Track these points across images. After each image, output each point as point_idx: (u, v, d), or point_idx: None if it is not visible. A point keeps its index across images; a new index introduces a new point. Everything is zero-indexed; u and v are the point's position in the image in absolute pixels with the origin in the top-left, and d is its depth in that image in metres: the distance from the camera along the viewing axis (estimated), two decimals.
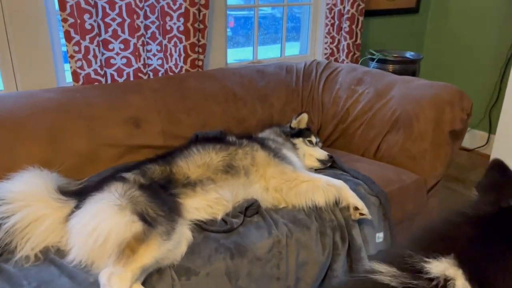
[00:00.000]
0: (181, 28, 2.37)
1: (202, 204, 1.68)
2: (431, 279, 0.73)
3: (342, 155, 2.29)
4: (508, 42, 3.44)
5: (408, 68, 3.09)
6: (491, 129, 3.71)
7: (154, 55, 2.40)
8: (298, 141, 2.15)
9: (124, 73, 2.30)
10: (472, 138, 3.79)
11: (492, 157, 3.49)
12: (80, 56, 2.11)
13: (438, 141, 2.13)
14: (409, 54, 3.36)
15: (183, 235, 1.52)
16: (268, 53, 3.34)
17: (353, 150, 2.41)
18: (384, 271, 0.74)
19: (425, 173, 2.16)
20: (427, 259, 0.74)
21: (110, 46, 2.22)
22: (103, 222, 1.38)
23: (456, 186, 3.16)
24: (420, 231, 0.85)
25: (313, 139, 2.26)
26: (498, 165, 0.89)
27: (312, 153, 2.16)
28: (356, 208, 1.78)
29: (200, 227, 1.63)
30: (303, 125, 2.26)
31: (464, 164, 3.55)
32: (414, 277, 0.72)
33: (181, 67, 2.45)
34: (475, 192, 0.88)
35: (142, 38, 2.26)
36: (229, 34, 3.30)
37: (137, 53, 2.27)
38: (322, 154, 2.16)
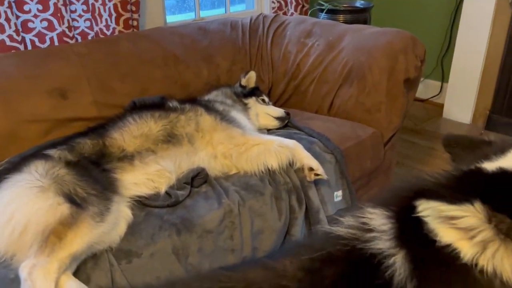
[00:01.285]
0: None
1: (142, 178, 1.51)
2: (370, 231, 0.69)
3: (295, 114, 2.16)
4: None
5: (359, 17, 2.96)
6: (443, 78, 3.69)
7: (80, 16, 2.14)
8: (251, 101, 2.00)
9: (47, 38, 2.04)
10: (426, 88, 3.77)
11: (445, 106, 3.50)
12: None
13: (393, 92, 2.03)
14: (359, 3, 3.23)
15: (121, 215, 1.36)
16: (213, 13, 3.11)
17: (306, 108, 2.29)
18: (343, 221, 0.74)
19: (381, 126, 2.07)
20: (371, 210, 0.72)
21: (26, 8, 1.94)
22: (21, 208, 1.19)
23: (412, 138, 3.14)
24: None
25: (266, 98, 2.11)
26: (447, 144, 0.85)
27: (268, 111, 2.02)
28: (311, 169, 1.67)
29: (142, 203, 1.47)
30: (252, 84, 2.10)
31: (419, 115, 3.53)
32: (358, 228, 0.71)
33: (114, 28, 2.21)
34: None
35: None
36: (172, 1, 3.05)
37: (59, 14, 2.01)
38: (279, 111, 2.03)
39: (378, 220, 0.69)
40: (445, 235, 0.60)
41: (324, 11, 3.00)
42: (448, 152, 0.83)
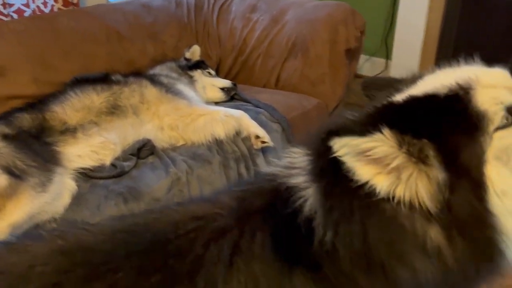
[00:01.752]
0: None
1: (86, 151, 1.50)
2: (292, 168, 0.74)
3: (244, 89, 2.19)
4: None
5: None
6: (388, 55, 3.82)
7: None
8: (197, 73, 2.00)
9: None
10: (372, 66, 3.89)
11: None
12: None
13: (335, 63, 2.10)
14: None
15: (65, 186, 1.35)
16: None
17: (255, 83, 2.32)
18: (275, 162, 0.77)
19: (325, 97, 2.14)
20: (294, 150, 0.76)
21: None
22: None
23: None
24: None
25: (212, 71, 2.12)
26: (366, 88, 0.87)
27: (214, 83, 2.03)
28: (257, 137, 1.71)
29: (86, 175, 1.46)
30: (197, 57, 2.11)
31: None
32: (285, 166, 0.75)
33: (52, 5, 2.14)
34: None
35: None
36: None
37: None
38: (225, 82, 2.05)
39: (300, 158, 0.73)
40: (363, 172, 0.62)
41: None
42: (367, 96, 0.86)
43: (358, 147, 0.60)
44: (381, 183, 0.62)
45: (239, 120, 1.72)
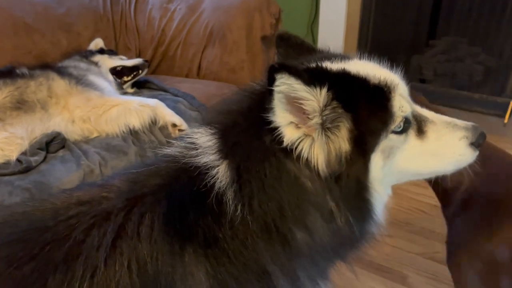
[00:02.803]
0: None
1: None
2: (195, 149, 0.74)
3: (165, 80, 2.17)
4: None
5: None
6: (314, 43, 3.93)
7: None
8: (100, 57, 1.95)
9: None
10: None
11: None
12: None
13: (252, 50, 2.13)
14: None
15: None
16: None
17: (177, 73, 2.31)
18: (175, 144, 0.77)
19: (246, 84, 2.16)
20: (196, 131, 0.77)
21: None
22: None
23: None
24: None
25: (122, 57, 2.09)
26: (283, 38, 0.88)
27: (124, 63, 1.99)
28: (174, 125, 1.71)
29: None
30: (101, 46, 2.07)
31: None
32: (186, 147, 0.75)
33: None
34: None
35: None
36: None
37: None
38: (135, 60, 2.02)
39: (203, 138, 0.74)
40: (281, 116, 0.64)
41: None
42: (279, 48, 0.87)
43: (296, 92, 0.63)
44: (290, 134, 0.65)
45: (155, 109, 1.71)
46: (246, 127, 0.70)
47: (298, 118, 0.65)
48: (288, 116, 0.65)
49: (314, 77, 0.64)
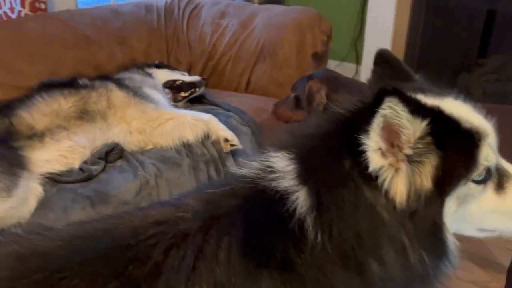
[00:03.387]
0: None
1: (54, 155, 1.49)
2: (273, 172, 0.72)
3: (214, 93, 2.22)
4: None
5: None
6: (358, 60, 3.91)
7: None
8: (155, 71, 2.01)
9: None
10: (343, 71, 3.95)
11: None
12: None
13: (302, 66, 2.15)
14: None
15: (31, 191, 1.33)
16: None
17: (225, 87, 2.35)
18: (250, 164, 0.75)
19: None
20: (273, 154, 0.75)
21: None
22: None
23: None
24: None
25: (183, 73, 2.14)
26: (383, 56, 0.85)
27: (175, 76, 2.04)
28: (226, 140, 1.73)
29: (54, 180, 1.45)
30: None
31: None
32: (262, 170, 0.73)
33: (19, 11, 2.11)
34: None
35: None
36: None
37: None
38: (191, 77, 2.06)
39: (281, 162, 0.73)
40: (373, 139, 0.63)
41: None
42: (376, 66, 0.84)
43: (399, 119, 0.62)
44: (377, 161, 0.64)
45: (208, 124, 1.74)
46: (325, 152, 0.70)
47: (388, 145, 0.65)
48: (380, 141, 0.64)
49: (419, 108, 0.63)
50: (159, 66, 2.08)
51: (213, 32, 2.36)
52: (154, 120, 1.68)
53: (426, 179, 0.65)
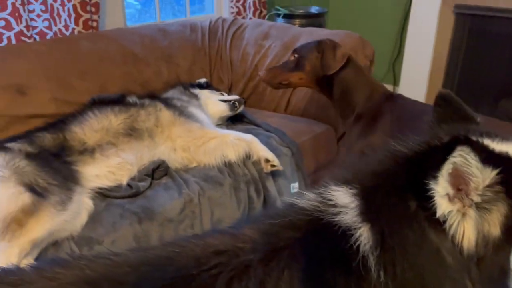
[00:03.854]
0: None
1: (103, 171, 1.55)
2: (333, 206, 0.72)
3: (254, 113, 2.25)
4: None
5: (314, 22, 3.09)
6: (395, 81, 3.89)
7: (39, 15, 2.14)
8: (201, 92, 2.06)
9: (4, 38, 2.03)
10: None
11: None
12: None
13: None
14: (314, 9, 3.37)
15: (82, 205, 1.39)
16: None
17: (265, 107, 2.38)
18: (308, 196, 0.75)
19: (334, 122, 2.19)
20: (333, 188, 0.74)
21: None
22: None
23: None
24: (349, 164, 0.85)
25: (222, 92, 2.19)
26: (444, 98, 0.85)
27: (218, 97, 2.09)
28: (267, 161, 1.75)
29: (103, 194, 1.51)
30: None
31: None
32: (322, 202, 0.73)
33: (73, 29, 2.22)
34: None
35: None
36: (138, 7, 3.09)
37: (16, 14, 2.00)
38: (231, 96, 2.11)
39: (343, 197, 0.73)
40: (441, 186, 0.63)
41: (281, 16, 3.12)
42: (437, 107, 0.84)
43: (469, 167, 0.62)
44: (445, 206, 0.64)
45: (249, 144, 1.76)
46: (390, 191, 0.70)
47: (456, 191, 0.65)
48: (448, 187, 0.64)
49: (490, 157, 0.63)
50: (202, 86, 2.13)
51: (256, 53, 2.41)
52: (198, 139, 1.73)
53: (494, 226, 0.65)
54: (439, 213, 0.65)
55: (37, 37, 2.15)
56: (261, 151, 1.77)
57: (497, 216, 0.65)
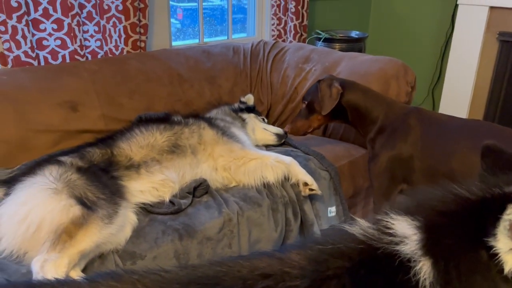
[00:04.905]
0: (120, 7, 2.24)
1: (147, 187, 1.59)
2: (392, 235, 0.71)
3: (292, 135, 2.26)
4: (448, 21, 3.56)
5: (354, 46, 3.12)
6: (434, 106, 3.84)
7: (92, 36, 2.26)
8: (249, 117, 2.11)
9: (59, 56, 2.15)
10: None
11: None
12: (7, 36, 1.94)
13: None
14: (354, 33, 3.39)
15: (127, 219, 1.43)
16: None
17: None
18: (360, 223, 0.74)
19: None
20: (394, 217, 0.73)
21: (42, 26, 2.06)
22: (36, 208, 1.27)
23: None
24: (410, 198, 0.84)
25: (264, 118, 2.23)
26: (491, 149, 0.85)
27: (266, 127, 2.13)
28: (306, 184, 1.76)
29: (146, 210, 1.55)
30: (251, 102, 2.23)
31: None
32: (379, 232, 0.72)
33: (122, 48, 2.33)
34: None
35: (77, 18, 2.12)
36: (178, 26, 3.21)
37: (72, 34, 2.13)
38: (276, 128, 2.14)
39: (404, 227, 0.71)
40: (503, 242, 0.63)
41: (321, 40, 3.16)
42: (485, 158, 0.84)
43: None
44: (511, 263, 0.64)
45: (289, 167, 1.78)
46: (461, 235, 0.68)
47: None
48: (510, 243, 0.64)
49: None
50: (250, 109, 2.17)
51: (296, 75, 2.44)
52: (239, 159, 1.76)
53: None
54: (506, 270, 0.64)
55: (89, 56, 2.27)
56: (300, 174, 1.78)
57: None
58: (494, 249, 0.64)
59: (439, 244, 0.69)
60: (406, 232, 0.70)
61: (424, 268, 0.67)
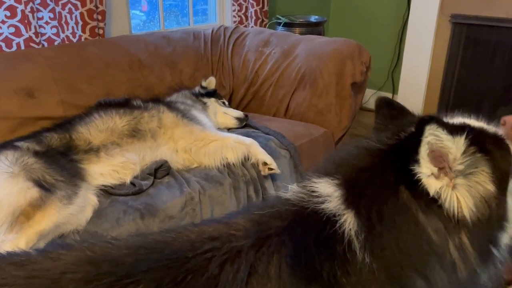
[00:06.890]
0: None
1: (107, 169, 1.61)
2: (317, 196, 0.77)
3: (254, 117, 2.31)
4: (404, 5, 3.67)
5: (314, 30, 3.18)
6: (394, 89, 3.95)
7: (47, 23, 2.23)
8: (210, 101, 2.13)
9: (13, 44, 2.11)
10: None
11: None
12: None
13: (341, 94, 2.22)
14: (313, 18, 3.45)
15: (88, 200, 1.45)
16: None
17: (265, 112, 2.45)
18: (293, 188, 0.80)
19: (332, 126, 2.25)
20: (316, 180, 0.79)
21: None
22: None
23: None
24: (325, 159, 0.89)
25: (225, 101, 2.26)
26: (384, 102, 0.92)
27: (227, 111, 2.16)
28: (265, 164, 1.81)
29: (107, 192, 1.57)
30: (212, 87, 2.25)
31: (372, 124, 3.74)
32: (306, 194, 0.78)
33: (80, 36, 2.30)
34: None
35: (31, 4, 2.09)
36: (143, 18, 3.19)
37: (26, 21, 2.09)
38: (237, 112, 2.17)
39: (325, 187, 0.77)
40: (425, 167, 0.68)
41: (281, 25, 3.21)
42: (381, 110, 0.90)
43: (442, 142, 0.68)
44: (434, 185, 0.69)
45: (249, 147, 1.82)
46: (381, 186, 0.74)
47: (439, 168, 0.70)
48: (430, 166, 0.69)
49: (453, 128, 0.68)
50: (210, 93, 2.20)
51: (256, 59, 2.48)
52: (199, 141, 1.79)
53: (487, 184, 0.70)
54: (431, 193, 0.69)
55: (46, 44, 2.23)
56: (260, 154, 1.82)
57: (484, 175, 0.70)
58: (417, 181, 0.69)
59: (359, 196, 0.74)
60: (328, 191, 0.76)
61: (348, 220, 0.72)
